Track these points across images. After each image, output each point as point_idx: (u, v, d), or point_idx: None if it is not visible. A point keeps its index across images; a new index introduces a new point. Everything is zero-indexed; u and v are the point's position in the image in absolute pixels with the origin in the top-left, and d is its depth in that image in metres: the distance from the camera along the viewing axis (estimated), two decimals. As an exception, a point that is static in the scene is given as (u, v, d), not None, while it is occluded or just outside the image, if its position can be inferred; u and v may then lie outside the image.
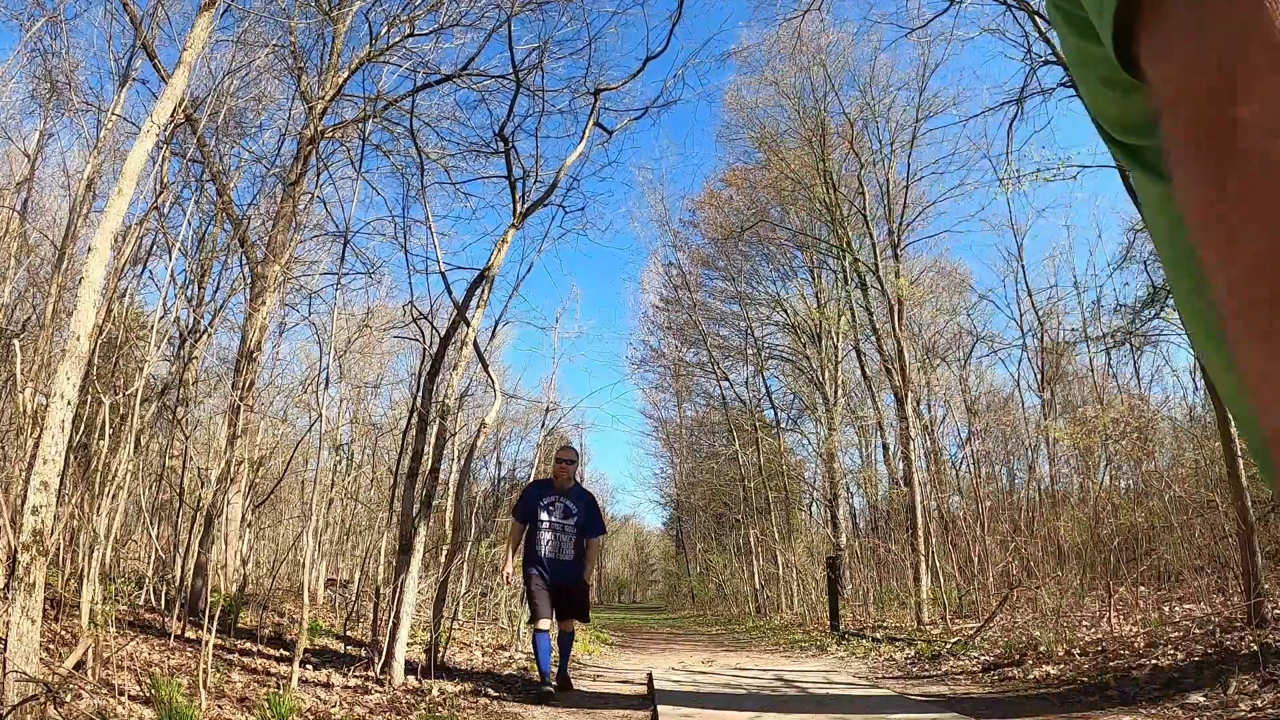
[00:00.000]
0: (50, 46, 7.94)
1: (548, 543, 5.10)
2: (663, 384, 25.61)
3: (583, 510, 5.24)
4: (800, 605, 14.01)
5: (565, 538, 5.15)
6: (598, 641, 9.74)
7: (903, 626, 9.89)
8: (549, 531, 5.13)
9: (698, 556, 23.56)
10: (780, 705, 4.76)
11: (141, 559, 7.25)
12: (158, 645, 4.47)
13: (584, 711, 4.57)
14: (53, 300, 6.15)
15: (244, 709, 3.49)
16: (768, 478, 18.87)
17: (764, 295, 20.01)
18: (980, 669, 6.06)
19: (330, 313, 7.79)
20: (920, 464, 13.07)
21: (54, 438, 2.93)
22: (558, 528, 5.15)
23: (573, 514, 5.19)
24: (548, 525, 5.14)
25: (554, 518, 5.16)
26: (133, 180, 3.45)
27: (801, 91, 15.91)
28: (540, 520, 5.16)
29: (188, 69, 3.84)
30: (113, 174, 7.40)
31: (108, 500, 4.22)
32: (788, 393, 21.06)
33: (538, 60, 7.50)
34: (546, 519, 5.15)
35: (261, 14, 8.26)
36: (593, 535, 5.31)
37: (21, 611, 2.72)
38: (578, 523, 5.19)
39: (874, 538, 13.96)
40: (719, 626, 15.13)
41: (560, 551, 5.11)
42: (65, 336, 3.38)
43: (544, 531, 5.13)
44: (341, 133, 8.52)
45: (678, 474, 27.24)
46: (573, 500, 5.24)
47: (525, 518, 5.27)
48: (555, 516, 5.16)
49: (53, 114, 8.47)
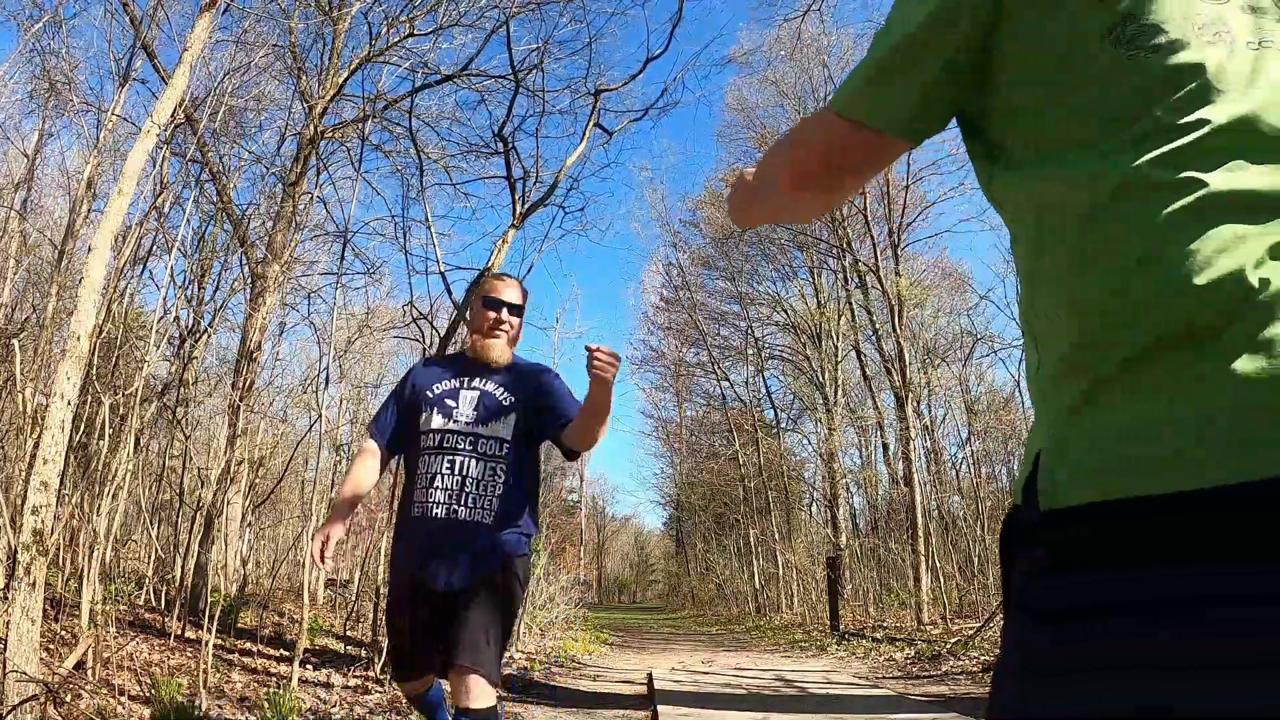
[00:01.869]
0: (50, 46, 7.95)
1: (442, 487, 2.18)
2: (663, 384, 25.63)
3: (526, 401, 2.27)
4: (800, 605, 14.01)
5: (480, 471, 2.20)
6: (598, 641, 9.73)
7: (903, 626, 9.89)
8: (444, 459, 2.20)
9: (698, 556, 23.56)
10: (780, 705, 4.76)
11: (141, 559, 7.25)
12: (158, 645, 4.47)
13: (584, 711, 4.57)
14: (53, 300, 6.15)
15: (244, 709, 3.49)
16: (768, 478, 18.86)
17: (764, 295, 20.03)
18: (980, 669, 6.05)
19: (330, 313, 7.80)
20: (920, 464, 13.08)
21: (54, 438, 2.93)
22: (464, 448, 2.21)
23: (503, 411, 2.25)
24: (439, 442, 2.21)
25: (457, 422, 2.23)
26: (133, 180, 3.45)
27: (802, 92, 15.92)
28: (427, 431, 2.24)
29: (188, 69, 3.84)
30: (113, 174, 7.42)
31: (108, 500, 4.21)
32: (788, 393, 21.07)
33: (538, 60, 7.50)
34: (440, 426, 2.23)
35: (261, 14, 8.26)
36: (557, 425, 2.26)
37: (21, 611, 2.72)
38: (515, 435, 2.24)
39: (874, 538, 13.96)
40: (719, 626, 15.13)
41: (466, 505, 2.17)
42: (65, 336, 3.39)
43: (432, 459, 2.21)
44: (341, 133, 8.52)
45: (678, 474, 27.24)
46: (508, 386, 2.29)
47: (395, 433, 2.35)
48: (460, 419, 2.24)
49: (52, 114, 8.49)
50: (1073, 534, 0.54)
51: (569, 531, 25.54)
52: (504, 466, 2.20)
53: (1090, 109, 0.61)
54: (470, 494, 2.16)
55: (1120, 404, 0.54)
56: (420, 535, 2.16)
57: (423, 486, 2.18)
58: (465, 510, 2.14)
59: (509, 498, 2.20)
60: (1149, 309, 0.53)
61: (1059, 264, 0.61)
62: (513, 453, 2.23)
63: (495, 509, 2.17)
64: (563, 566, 11.45)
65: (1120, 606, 0.50)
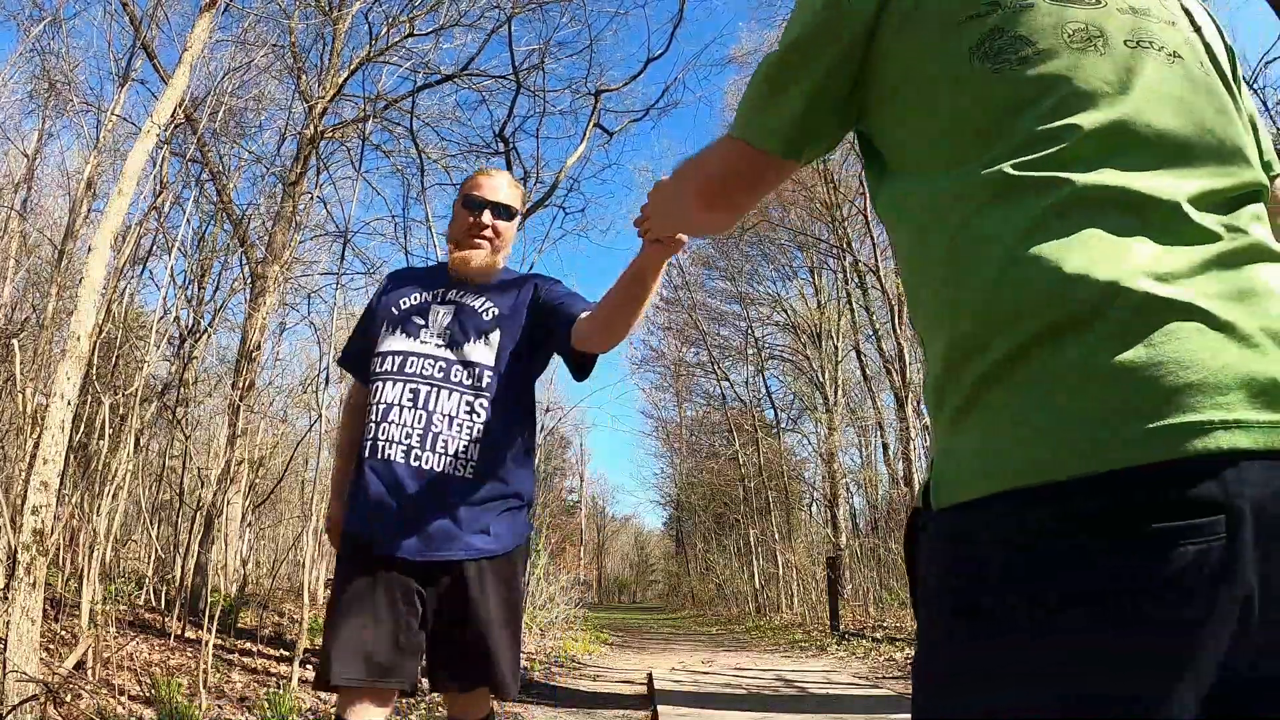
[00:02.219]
0: (50, 46, 7.96)
1: (400, 423, 1.63)
2: (663, 384, 25.62)
3: (517, 314, 1.74)
4: (800, 605, 14.00)
5: (454, 407, 1.64)
6: (598, 641, 9.73)
7: (903, 626, 9.88)
8: (404, 387, 1.66)
9: (698, 556, 23.56)
10: (780, 705, 4.76)
11: (141, 559, 7.24)
12: (158, 645, 4.46)
13: (584, 711, 4.57)
14: (53, 300, 6.15)
15: (244, 709, 3.49)
16: (768, 478, 18.86)
17: (764, 295, 20.05)
18: (980, 669, 6.05)
19: (330, 313, 7.79)
20: (920, 464, 13.07)
21: (54, 438, 2.93)
22: (432, 376, 1.66)
23: (485, 330, 1.70)
24: (399, 365, 1.68)
25: (425, 343, 1.70)
26: (133, 180, 3.45)
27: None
28: (386, 352, 1.72)
29: (188, 69, 3.84)
30: (113, 174, 7.42)
31: (108, 500, 4.21)
32: (788, 393, 21.08)
33: (538, 61, 7.51)
34: (402, 347, 1.71)
35: (261, 14, 8.26)
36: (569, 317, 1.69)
37: (21, 611, 2.72)
38: (502, 363, 1.69)
39: (874, 538, 13.95)
40: (719, 626, 15.13)
41: (435, 451, 1.61)
42: (65, 336, 3.39)
43: (390, 387, 1.67)
44: (341, 133, 8.52)
45: (678, 474, 27.25)
46: (494, 300, 1.75)
47: (366, 363, 1.79)
48: (429, 340, 1.70)
49: (52, 114, 8.50)
50: (962, 528, 0.56)
51: (569, 531, 25.56)
52: (485, 403, 1.62)
53: (962, 122, 0.62)
54: (441, 436, 1.59)
55: (998, 403, 0.55)
56: (375, 485, 1.59)
57: (376, 420, 1.62)
58: (434, 457, 1.58)
59: (495, 445, 1.61)
60: (1019, 308, 0.54)
61: (935, 272, 0.62)
62: (499, 386, 1.63)
63: (476, 460, 1.59)
64: (563, 566, 11.45)
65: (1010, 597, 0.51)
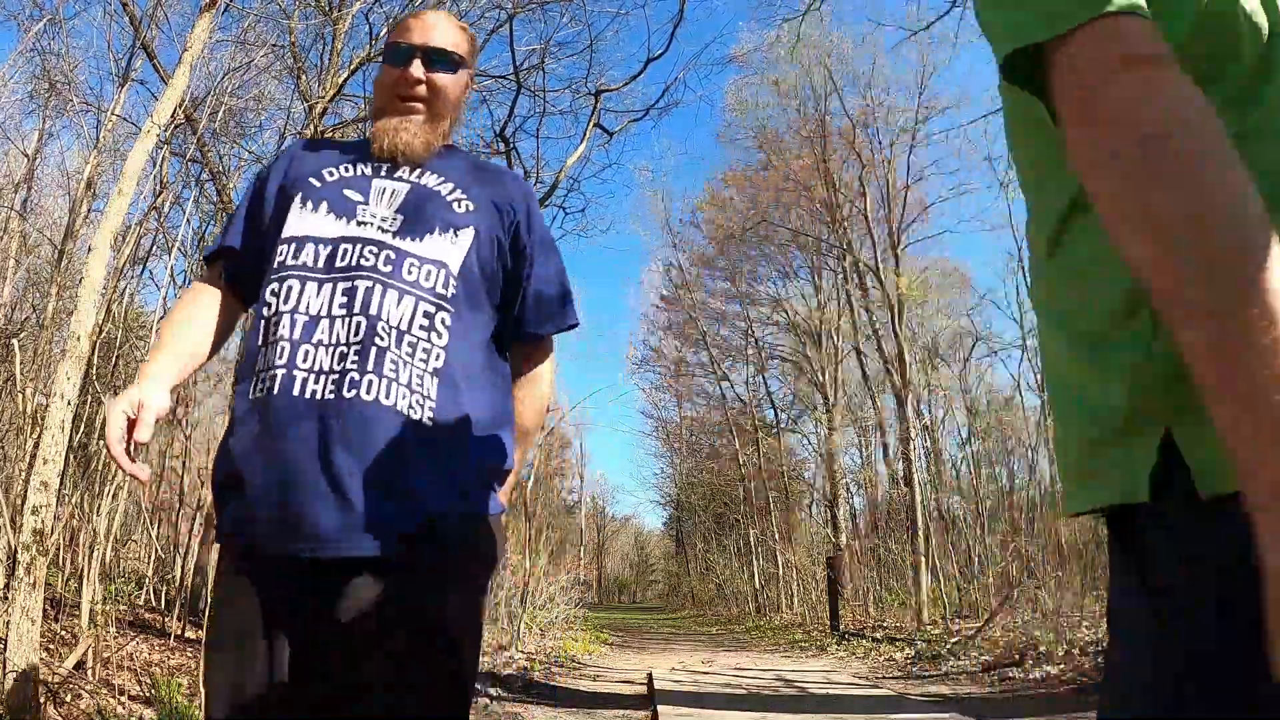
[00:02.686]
0: (50, 46, 7.95)
1: (327, 343, 1.03)
2: (663, 384, 25.61)
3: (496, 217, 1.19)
4: (800, 605, 14.00)
5: (407, 316, 1.06)
6: (598, 641, 9.73)
7: (903, 626, 9.88)
8: (335, 287, 1.06)
9: (698, 556, 23.56)
10: (780, 705, 4.76)
11: (141, 559, 7.25)
12: (158, 645, 4.46)
13: (584, 711, 4.57)
14: (53, 300, 6.15)
15: (244, 709, 3.48)
16: (768, 478, 18.86)
17: (764, 295, 20.05)
18: (980, 669, 6.05)
19: (330, 313, 7.78)
20: (920, 464, 13.08)
21: (54, 438, 2.93)
22: (376, 269, 1.07)
23: (454, 221, 1.15)
24: (328, 258, 1.09)
25: (365, 225, 1.11)
26: (133, 180, 3.45)
27: (803, 93, 15.93)
28: (301, 238, 1.11)
29: (188, 69, 3.84)
30: (113, 174, 7.42)
31: (108, 500, 4.22)
32: (788, 393, 21.07)
33: (539, 61, 7.50)
34: (332, 233, 1.10)
35: (261, 14, 8.26)
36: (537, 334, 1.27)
37: (21, 611, 2.72)
38: (472, 269, 1.14)
39: (874, 538, 13.95)
40: (719, 626, 15.13)
41: (377, 373, 1.01)
42: (65, 336, 3.39)
43: (309, 288, 1.06)
44: (341, 133, 8.51)
45: (678, 474, 27.25)
46: (462, 183, 1.20)
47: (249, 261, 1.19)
48: (371, 219, 1.12)
49: (52, 114, 8.49)
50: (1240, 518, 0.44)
51: (569, 531, 25.56)
52: (448, 321, 1.08)
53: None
54: (390, 356, 1.02)
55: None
56: (269, 440, 1.00)
57: (284, 340, 1.03)
58: (381, 386, 1.01)
59: (459, 386, 1.08)
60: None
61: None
62: (464, 305, 1.11)
63: (437, 395, 1.05)
64: (562, 566, 11.45)
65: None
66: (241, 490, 1.02)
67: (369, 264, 1.08)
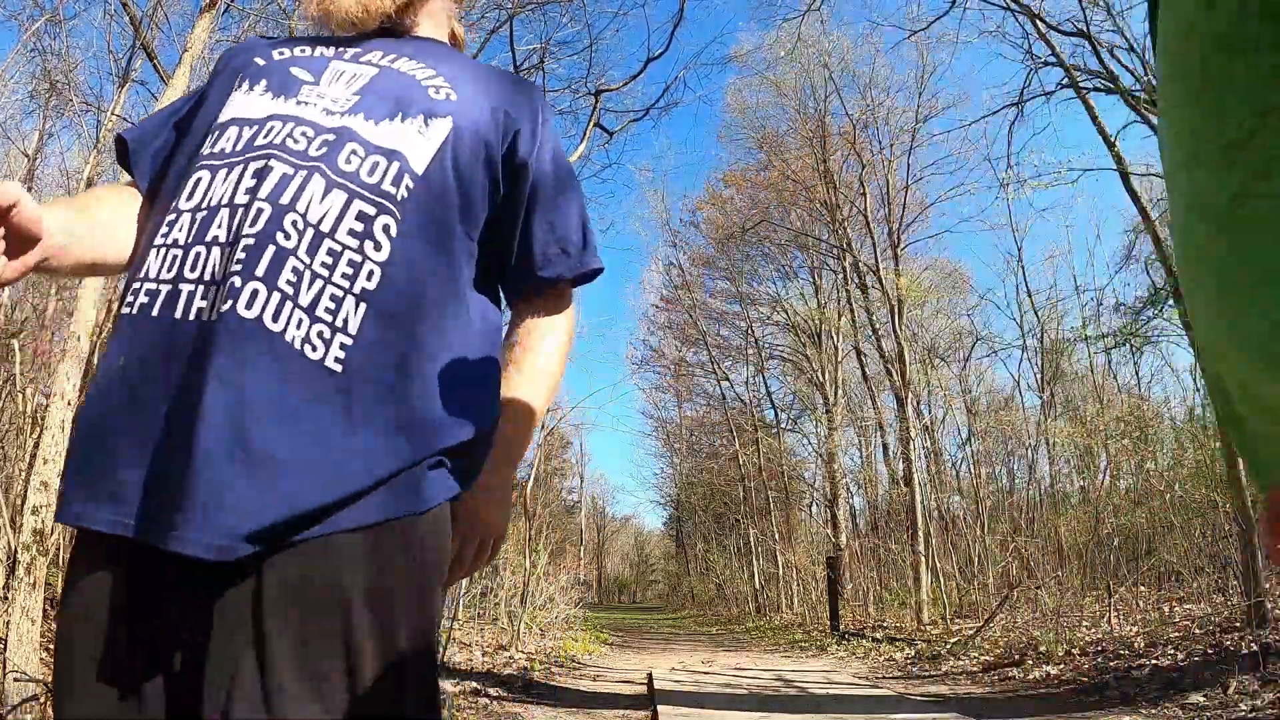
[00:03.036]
0: (50, 46, 7.95)
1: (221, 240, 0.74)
2: (663, 384, 25.63)
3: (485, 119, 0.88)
4: (800, 605, 14.00)
5: (333, 212, 0.76)
6: (598, 641, 9.74)
7: (903, 626, 9.88)
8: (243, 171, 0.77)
9: (698, 556, 23.57)
10: (780, 705, 4.76)
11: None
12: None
13: (584, 711, 4.57)
14: (53, 300, 6.15)
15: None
16: (768, 478, 18.87)
17: (764, 295, 20.06)
18: (980, 669, 6.06)
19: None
20: (920, 464, 13.08)
21: (54, 438, 2.93)
22: (304, 154, 0.78)
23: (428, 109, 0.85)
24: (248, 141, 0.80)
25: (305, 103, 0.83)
26: (133, 180, 3.44)
27: (802, 93, 15.95)
28: (224, 122, 0.83)
29: (188, 69, 3.84)
30: (113, 174, 7.41)
31: (108, 500, 4.21)
32: (788, 393, 21.08)
33: (539, 60, 7.50)
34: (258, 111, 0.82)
35: (261, 14, 8.26)
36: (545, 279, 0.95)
37: (21, 611, 2.72)
38: (442, 167, 0.83)
39: (874, 538, 13.95)
40: (719, 626, 15.13)
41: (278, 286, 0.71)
42: (65, 336, 3.39)
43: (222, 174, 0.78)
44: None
45: (678, 474, 27.26)
46: (447, 74, 0.90)
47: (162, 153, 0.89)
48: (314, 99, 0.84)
49: (52, 114, 8.49)
50: None
51: (569, 531, 25.57)
52: (393, 227, 0.79)
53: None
54: (290, 258, 0.74)
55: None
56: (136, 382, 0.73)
57: (168, 243, 0.77)
58: (264, 294, 0.72)
59: (402, 319, 0.78)
60: None
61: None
62: (424, 203, 0.82)
63: (358, 329, 0.75)
64: (562, 566, 11.45)
65: None
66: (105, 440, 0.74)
67: (294, 146, 0.79)
